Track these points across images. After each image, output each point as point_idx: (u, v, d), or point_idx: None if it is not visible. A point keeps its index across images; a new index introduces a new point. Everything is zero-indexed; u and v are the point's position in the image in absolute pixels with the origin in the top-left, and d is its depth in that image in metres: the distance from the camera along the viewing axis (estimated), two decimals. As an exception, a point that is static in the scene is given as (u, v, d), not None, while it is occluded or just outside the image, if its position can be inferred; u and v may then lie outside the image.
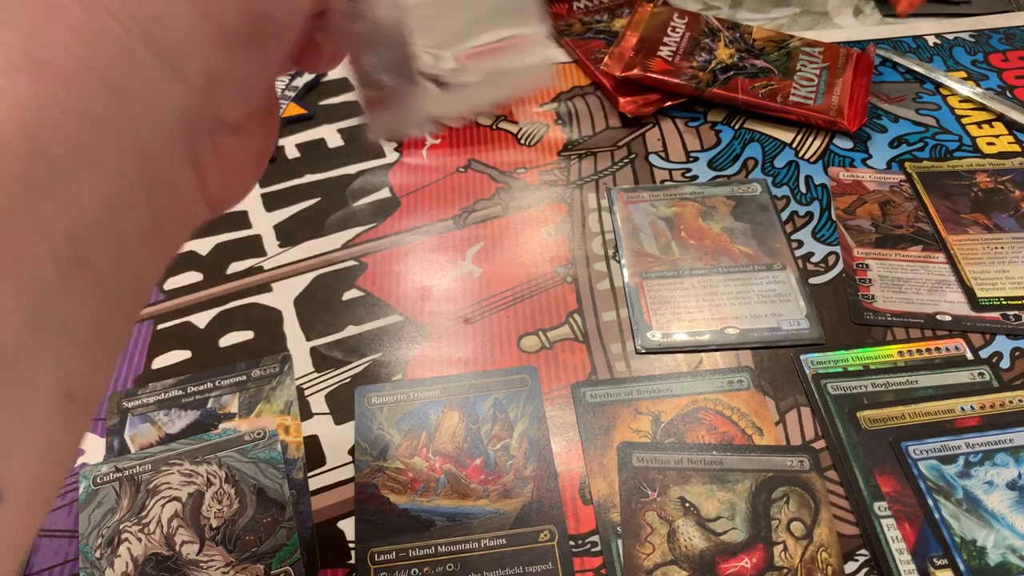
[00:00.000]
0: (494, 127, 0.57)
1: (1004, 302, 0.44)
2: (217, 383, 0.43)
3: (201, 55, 0.19)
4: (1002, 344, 0.42)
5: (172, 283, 0.48)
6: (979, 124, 0.55)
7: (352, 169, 0.55)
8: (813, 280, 0.46)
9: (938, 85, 0.58)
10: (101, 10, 0.17)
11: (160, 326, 0.46)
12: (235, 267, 0.49)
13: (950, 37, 0.63)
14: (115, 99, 0.18)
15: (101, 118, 0.17)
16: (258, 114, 0.23)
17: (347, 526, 0.37)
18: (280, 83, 0.61)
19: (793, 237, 0.48)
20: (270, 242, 0.51)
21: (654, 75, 0.56)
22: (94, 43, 0.17)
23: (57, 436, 0.18)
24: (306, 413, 0.42)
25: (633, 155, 0.54)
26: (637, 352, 0.43)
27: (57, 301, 0.17)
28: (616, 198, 0.51)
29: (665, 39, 0.59)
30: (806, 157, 0.53)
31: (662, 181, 0.52)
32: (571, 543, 0.36)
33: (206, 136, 0.20)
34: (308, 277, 0.48)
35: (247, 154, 0.23)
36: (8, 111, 0.16)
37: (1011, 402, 0.40)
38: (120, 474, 0.39)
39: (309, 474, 0.39)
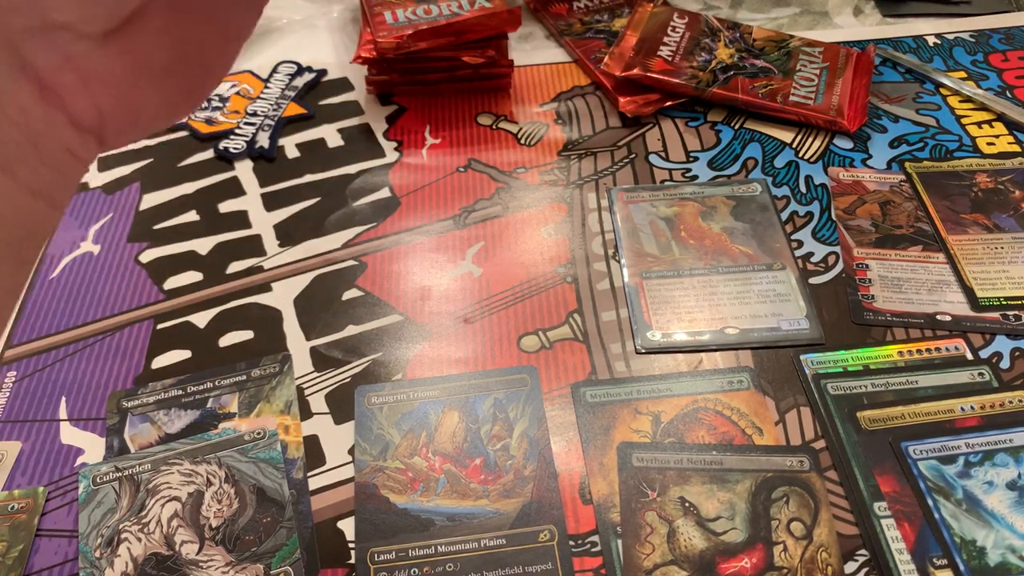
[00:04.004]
0: (494, 127, 0.57)
1: (1004, 302, 0.44)
2: (217, 383, 0.43)
3: None
4: (1002, 344, 0.42)
5: (172, 283, 0.48)
6: (979, 124, 0.55)
7: (352, 169, 0.55)
8: (813, 280, 0.46)
9: (938, 85, 0.58)
10: None
11: (160, 326, 0.46)
12: (235, 267, 0.49)
13: (950, 37, 0.63)
14: None
15: None
16: (154, 17, 0.19)
17: (347, 526, 0.37)
18: (280, 82, 0.61)
19: (793, 237, 0.48)
20: (270, 242, 0.50)
21: (654, 75, 0.56)
22: None
23: None
24: (306, 413, 0.42)
25: (633, 155, 0.54)
26: (637, 352, 0.43)
27: None
28: (616, 198, 0.51)
29: (665, 39, 0.59)
30: (806, 157, 0.53)
31: (662, 181, 0.52)
32: (571, 543, 0.36)
33: (40, 41, 0.17)
34: (308, 277, 0.48)
35: (131, 68, 0.19)
36: None
37: (1011, 402, 0.40)
38: (120, 474, 0.39)
39: (309, 474, 0.39)
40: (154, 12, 0.18)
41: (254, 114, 0.59)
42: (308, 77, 0.62)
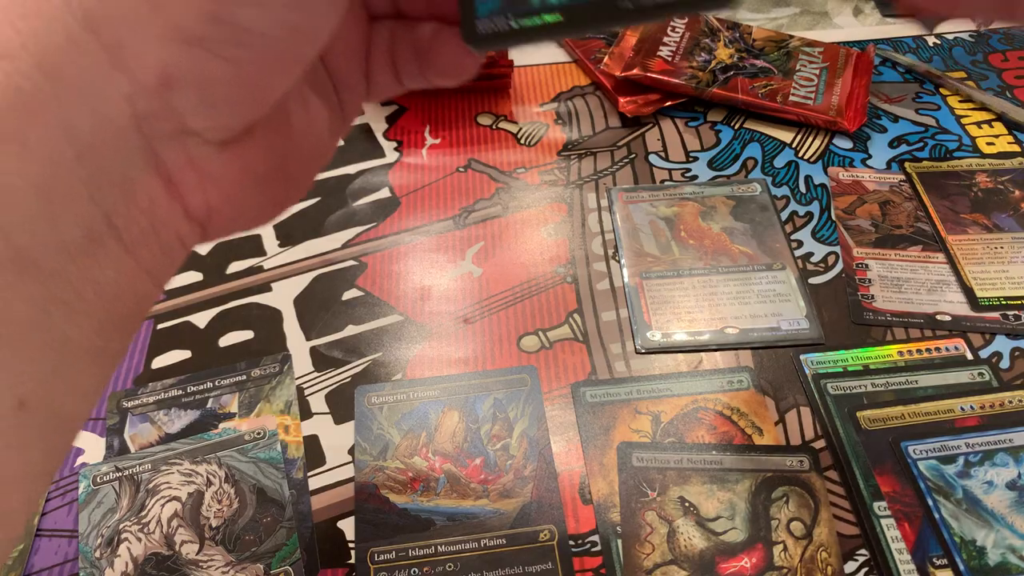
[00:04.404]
0: (494, 127, 0.57)
1: (1004, 302, 0.44)
2: (217, 383, 0.43)
3: (152, 52, 0.17)
4: (1002, 344, 0.42)
5: (172, 283, 0.48)
6: (979, 124, 0.55)
7: (352, 169, 0.55)
8: (813, 280, 0.46)
9: (938, 85, 0.58)
10: None
11: (160, 325, 0.46)
12: (235, 267, 0.49)
13: (950, 37, 0.63)
14: (48, 81, 0.17)
15: (29, 98, 0.16)
16: (261, 134, 0.21)
17: (347, 526, 0.37)
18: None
19: (793, 237, 0.48)
20: (270, 242, 0.51)
21: (654, 75, 0.56)
22: (33, 17, 0.17)
23: (7, 446, 0.17)
24: (306, 413, 0.42)
25: (633, 155, 0.54)
26: (637, 352, 0.43)
27: None
28: (616, 198, 0.51)
29: (665, 39, 0.59)
30: (806, 157, 0.53)
31: (662, 181, 0.52)
32: (571, 543, 0.36)
33: (172, 143, 0.19)
34: (308, 277, 0.48)
35: (239, 174, 0.21)
36: None
37: (1011, 402, 0.40)
38: (120, 474, 0.39)
39: (309, 474, 0.39)
40: (260, 131, 0.21)
41: (254, 114, 0.59)
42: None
